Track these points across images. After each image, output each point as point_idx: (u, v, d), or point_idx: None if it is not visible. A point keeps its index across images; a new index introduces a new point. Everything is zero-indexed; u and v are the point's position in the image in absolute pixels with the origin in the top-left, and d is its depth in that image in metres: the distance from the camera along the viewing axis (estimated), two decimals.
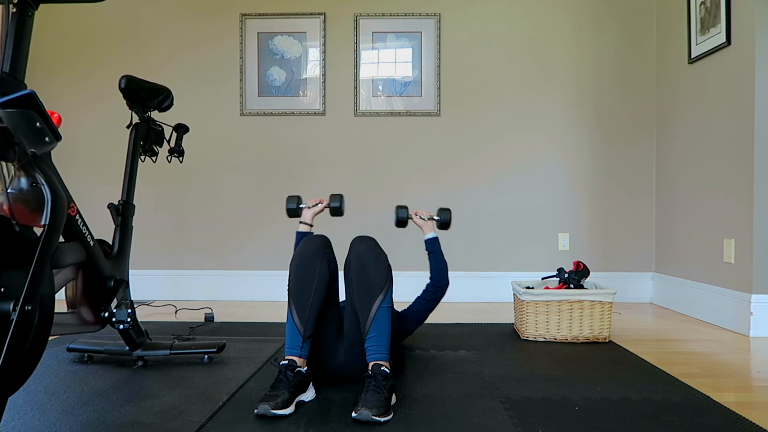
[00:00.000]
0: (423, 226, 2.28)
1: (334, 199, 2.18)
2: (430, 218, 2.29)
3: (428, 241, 2.25)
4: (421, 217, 2.29)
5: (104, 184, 3.72)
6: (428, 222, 2.28)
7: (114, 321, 1.83)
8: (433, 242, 2.25)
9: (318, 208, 2.20)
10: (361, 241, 1.79)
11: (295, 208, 2.21)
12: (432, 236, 2.25)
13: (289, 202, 2.21)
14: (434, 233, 2.26)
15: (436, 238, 2.25)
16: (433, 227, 2.28)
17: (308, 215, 2.18)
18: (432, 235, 2.25)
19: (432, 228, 2.28)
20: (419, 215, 2.29)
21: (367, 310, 1.68)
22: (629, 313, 3.23)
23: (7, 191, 1.30)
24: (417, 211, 2.30)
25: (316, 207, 2.20)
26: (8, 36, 1.32)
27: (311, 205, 2.19)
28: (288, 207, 2.21)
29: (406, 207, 2.28)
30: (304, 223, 2.17)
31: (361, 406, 1.47)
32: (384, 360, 1.64)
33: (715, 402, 1.65)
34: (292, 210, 2.21)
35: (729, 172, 2.82)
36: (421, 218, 2.28)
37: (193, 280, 3.69)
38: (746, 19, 2.68)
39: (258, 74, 3.70)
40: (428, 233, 2.26)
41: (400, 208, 2.28)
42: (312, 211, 2.19)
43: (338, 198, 2.17)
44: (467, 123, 3.68)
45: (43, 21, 3.73)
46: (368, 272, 1.72)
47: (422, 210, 2.32)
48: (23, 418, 1.50)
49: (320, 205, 2.20)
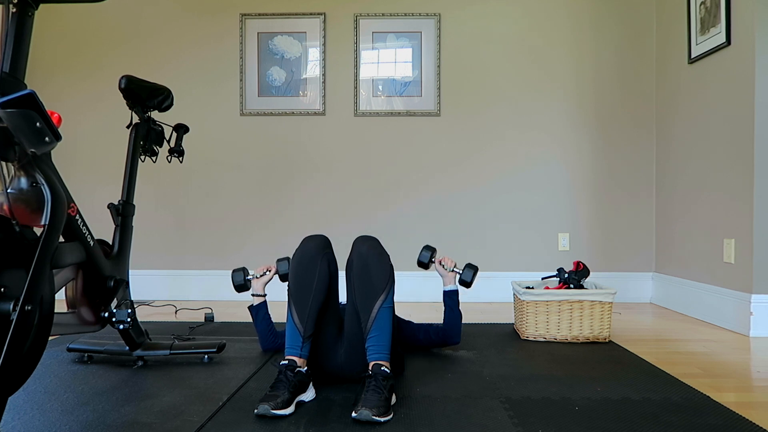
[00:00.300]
0: (444, 275, 2.19)
1: (281, 265, 2.10)
2: (452, 270, 2.18)
3: (446, 293, 2.18)
4: (443, 265, 2.19)
5: (104, 184, 3.72)
6: (449, 273, 2.18)
7: (114, 321, 1.83)
8: (451, 295, 2.17)
9: (267, 277, 2.17)
10: (364, 241, 1.79)
11: (243, 282, 2.12)
12: (451, 289, 2.18)
13: (236, 277, 2.12)
14: (454, 286, 2.18)
15: (455, 292, 2.18)
16: (453, 279, 2.19)
17: (258, 286, 2.16)
18: (451, 288, 2.18)
19: (452, 280, 2.18)
20: (443, 263, 2.19)
21: (369, 310, 1.68)
22: (629, 313, 3.23)
23: (7, 191, 1.30)
24: (442, 259, 2.20)
25: (265, 276, 2.17)
26: (8, 36, 1.32)
27: (259, 275, 2.16)
28: (235, 282, 2.12)
29: (434, 250, 2.17)
30: (257, 295, 2.15)
31: (361, 406, 1.47)
32: (384, 360, 1.64)
33: (715, 402, 1.65)
34: (239, 285, 2.12)
35: (729, 172, 2.82)
36: (443, 266, 2.19)
37: (193, 280, 3.69)
38: (746, 19, 2.68)
39: (258, 74, 3.70)
40: (447, 285, 2.18)
41: (425, 249, 2.16)
42: (261, 281, 2.16)
43: (286, 262, 2.10)
44: (467, 123, 3.68)
45: (43, 21, 3.73)
46: (370, 272, 1.71)
47: (448, 258, 2.21)
48: (23, 418, 1.50)
49: (268, 273, 2.17)
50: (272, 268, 2.19)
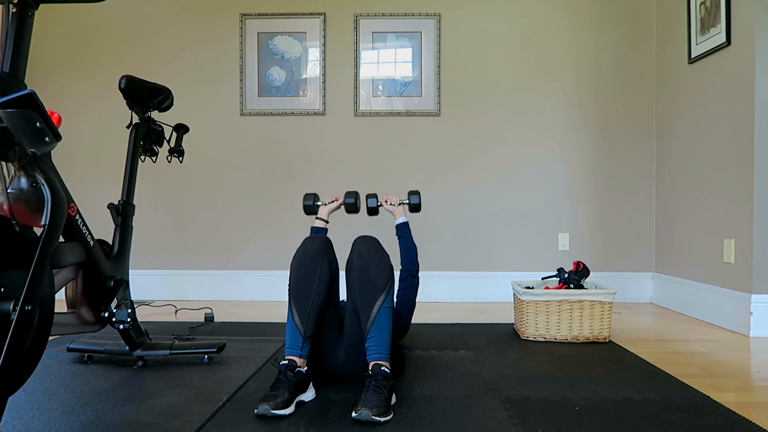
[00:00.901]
0: (393, 211, 2.27)
1: (349, 196, 2.21)
2: (400, 203, 2.28)
3: (399, 226, 2.24)
4: (391, 203, 2.28)
5: (104, 184, 3.72)
6: (398, 207, 2.27)
7: (114, 321, 1.83)
8: (404, 227, 2.24)
9: (334, 205, 2.24)
10: (364, 241, 1.79)
11: (312, 204, 2.24)
12: (402, 221, 2.25)
13: (306, 199, 2.24)
14: (405, 218, 2.26)
15: (407, 223, 2.25)
16: (403, 212, 2.27)
17: (324, 212, 2.24)
18: (402, 220, 2.25)
19: (403, 213, 2.27)
20: (389, 201, 2.28)
21: (369, 310, 1.68)
22: (629, 313, 3.23)
23: (7, 191, 1.30)
24: (387, 198, 2.29)
25: (332, 204, 2.24)
26: (8, 36, 1.32)
27: (327, 202, 2.24)
28: (305, 204, 2.24)
29: (375, 195, 2.26)
30: (321, 219, 2.22)
31: (361, 406, 1.47)
32: (384, 360, 1.64)
33: (715, 402, 1.65)
34: (308, 206, 2.24)
35: (729, 172, 2.82)
36: (391, 204, 2.27)
37: (193, 280, 3.69)
38: (746, 19, 2.68)
39: (258, 74, 3.70)
40: (399, 218, 2.26)
41: (369, 196, 2.25)
42: (328, 207, 2.24)
43: (353, 195, 2.21)
44: (467, 123, 3.68)
45: (43, 21, 3.73)
46: (370, 272, 1.71)
47: (392, 195, 2.31)
48: (23, 418, 1.50)
49: (336, 202, 2.24)
50: (340, 198, 2.26)
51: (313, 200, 2.25)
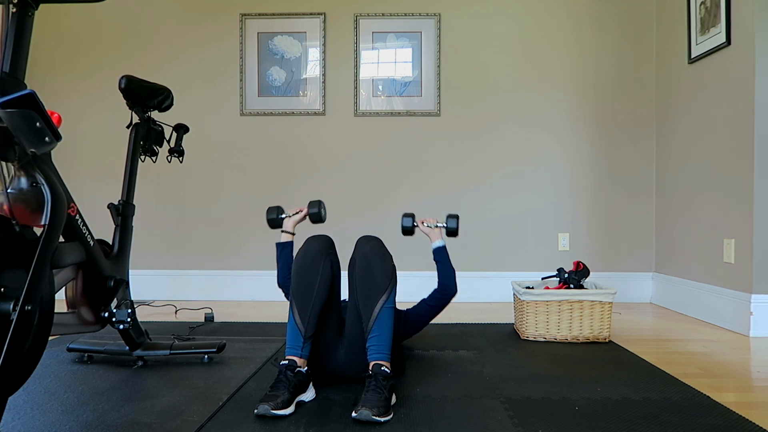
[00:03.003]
0: (430, 234, 2.23)
1: (312, 206, 2.15)
2: (436, 226, 2.24)
3: (436, 250, 2.20)
4: (428, 225, 2.24)
5: (104, 184, 3.72)
6: (435, 230, 2.23)
7: (114, 321, 1.83)
8: (441, 251, 2.20)
9: (299, 217, 2.19)
10: (367, 241, 1.79)
11: (276, 218, 2.19)
12: (439, 245, 2.20)
13: (269, 213, 2.19)
14: (442, 241, 2.21)
15: (444, 247, 2.20)
16: (440, 235, 2.23)
17: (289, 224, 2.18)
18: (439, 244, 2.20)
19: (439, 236, 2.23)
20: (426, 223, 2.24)
21: (370, 310, 1.68)
22: (629, 313, 3.23)
23: (7, 191, 1.30)
24: (424, 219, 2.26)
25: (297, 215, 2.19)
26: (8, 36, 1.32)
27: (292, 213, 2.20)
28: (268, 218, 2.18)
29: (413, 215, 2.22)
30: (286, 232, 2.18)
31: (361, 406, 1.47)
32: (385, 360, 1.64)
33: (715, 402, 1.65)
34: (272, 220, 2.18)
35: (729, 172, 2.82)
36: (428, 226, 2.23)
37: (193, 280, 3.69)
38: (746, 19, 2.68)
39: (258, 74, 3.70)
40: (435, 241, 2.21)
41: (405, 216, 2.22)
42: (293, 219, 2.19)
43: (316, 204, 2.15)
44: (467, 123, 3.68)
45: (43, 21, 3.73)
46: (373, 272, 1.71)
47: (429, 218, 2.27)
48: (23, 418, 1.50)
49: (300, 213, 2.19)
50: (304, 209, 2.21)
51: (276, 213, 2.19)
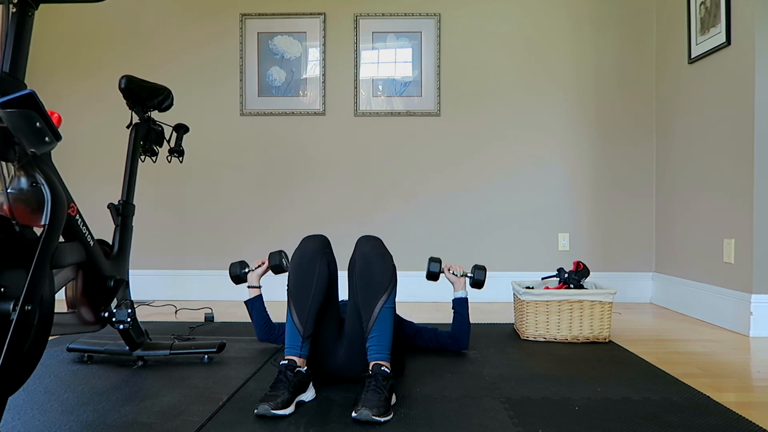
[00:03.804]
0: (454, 282, 2.22)
1: (273, 258, 2.20)
2: (463, 275, 2.21)
3: (456, 300, 2.19)
4: (453, 272, 2.22)
5: (104, 184, 3.72)
6: (460, 279, 2.21)
7: (114, 321, 1.83)
8: (461, 303, 2.19)
9: (261, 270, 2.25)
10: (367, 241, 1.79)
11: (239, 273, 2.23)
12: (461, 296, 2.19)
13: (232, 269, 2.23)
14: (464, 292, 2.20)
15: (466, 300, 2.19)
16: (464, 285, 2.21)
17: (254, 278, 2.24)
18: (461, 295, 2.20)
19: (463, 286, 2.21)
20: (452, 270, 2.22)
21: (370, 310, 1.68)
22: (629, 313, 3.23)
23: (7, 191, 1.30)
24: (450, 266, 2.23)
25: (260, 269, 2.25)
26: (8, 36, 1.32)
27: (254, 267, 2.25)
28: (231, 274, 2.23)
29: (440, 260, 2.20)
30: (252, 287, 2.23)
31: (361, 406, 1.47)
32: (385, 360, 1.64)
33: (715, 402, 1.65)
34: (236, 277, 2.23)
35: (729, 172, 2.82)
36: (453, 274, 2.22)
37: (193, 280, 3.69)
38: (746, 19, 2.68)
39: (258, 74, 3.70)
40: (458, 291, 2.20)
41: (433, 261, 2.19)
42: (256, 273, 2.25)
43: (277, 255, 2.20)
44: (467, 123, 3.68)
45: (43, 21, 3.73)
46: (373, 272, 1.71)
47: (456, 265, 2.24)
48: (23, 418, 1.50)
49: (263, 266, 2.25)
50: (266, 261, 2.26)
51: (239, 268, 2.23)
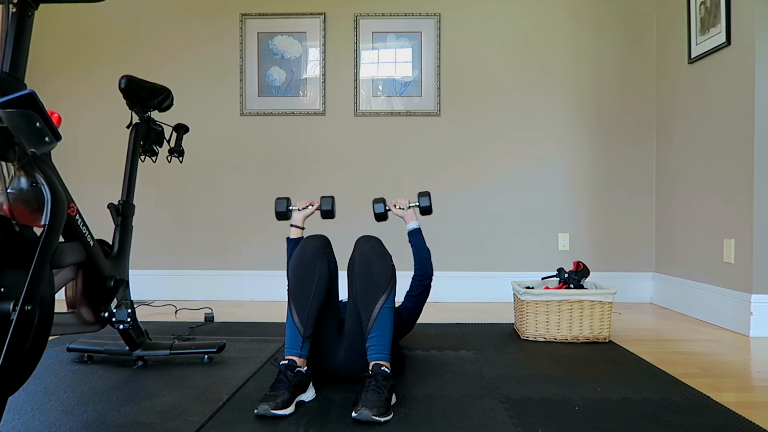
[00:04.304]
0: (404, 216, 2.14)
1: (325, 202, 2.07)
2: (410, 206, 2.15)
3: (411, 232, 2.11)
4: (400, 206, 2.15)
5: (104, 184, 3.72)
6: (408, 211, 2.14)
7: (114, 321, 1.83)
8: (416, 233, 2.11)
9: (309, 211, 2.11)
10: (367, 241, 1.79)
11: (285, 211, 2.08)
12: (414, 227, 2.12)
13: (278, 205, 2.08)
14: (416, 222, 2.13)
15: (419, 229, 2.12)
16: (414, 215, 2.15)
17: (299, 218, 2.10)
18: (414, 226, 2.12)
19: (414, 216, 2.14)
20: (398, 205, 2.15)
21: (370, 310, 1.68)
22: (629, 313, 3.23)
23: (7, 191, 1.30)
24: (396, 202, 2.16)
25: (307, 209, 2.11)
26: (8, 36, 1.32)
27: (301, 207, 2.11)
28: (277, 210, 2.08)
29: (383, 199, 2.13)
30: (296, 227, 2.10)
31: (361, 406, 1.47)
32: (385, 360, 1.64)
33: (715, 402, 1.65)
34: (281, 213, 2.08)
35: (729, 172, 2.82)
36: (400, 208, 2.14)
37: (193, 280, 3.69)
38: (746, 19, 2.67)
39: (258, 74, 3.70)
40: (410, 223, 2.12)
41: (376, 201, 2.12)
42: (302, 213, 2.10)
43: (330, 200, 2.07)
44: (467, 123, 3.67)
45: (43, 21, 3.73)
46: (372, 272, 1.71)
47: (400, 199, 2.17)
48: (23, 418, 1.50)
49: (311, 207, 2.11)
50: (315, 203, 2.12)
51: (286, 206, 2.08)
